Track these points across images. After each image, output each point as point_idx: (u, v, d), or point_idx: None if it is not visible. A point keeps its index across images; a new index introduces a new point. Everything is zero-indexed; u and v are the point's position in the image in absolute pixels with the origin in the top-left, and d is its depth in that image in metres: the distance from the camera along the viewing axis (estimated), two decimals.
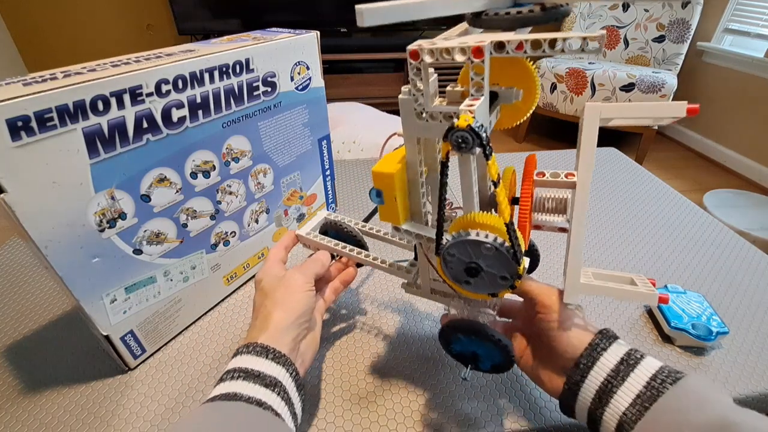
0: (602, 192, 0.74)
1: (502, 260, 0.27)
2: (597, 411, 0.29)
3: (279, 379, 0.30)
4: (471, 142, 0.24)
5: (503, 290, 0.29)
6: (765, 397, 0.39)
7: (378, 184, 0.32)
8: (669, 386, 0.26)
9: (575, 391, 0.30)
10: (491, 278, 0.29)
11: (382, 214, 0.34)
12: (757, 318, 0.47)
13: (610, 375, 0.29)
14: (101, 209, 0.35)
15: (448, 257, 0.30)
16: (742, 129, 2.15)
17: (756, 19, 2.08)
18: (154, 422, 0.37)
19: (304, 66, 0.51)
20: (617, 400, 0.28)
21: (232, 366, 0.30)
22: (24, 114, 0.29)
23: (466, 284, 0.30)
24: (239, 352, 0.31)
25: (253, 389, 0.28)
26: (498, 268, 0.28)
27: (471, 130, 0.24)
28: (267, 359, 0.30)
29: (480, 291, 0.31)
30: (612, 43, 2.33)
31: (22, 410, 0.38)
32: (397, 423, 0.37)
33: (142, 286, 0.40)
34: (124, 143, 0.35)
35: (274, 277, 0.36)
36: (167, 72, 0.36)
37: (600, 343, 0.30)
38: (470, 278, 0.30)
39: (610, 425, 0.28)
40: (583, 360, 0.30)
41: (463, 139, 0.24)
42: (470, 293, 0.32)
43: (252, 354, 0.30)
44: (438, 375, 0.41)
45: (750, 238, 1.33)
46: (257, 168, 0.49)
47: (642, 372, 0.28)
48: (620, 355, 0.29)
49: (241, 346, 0.32)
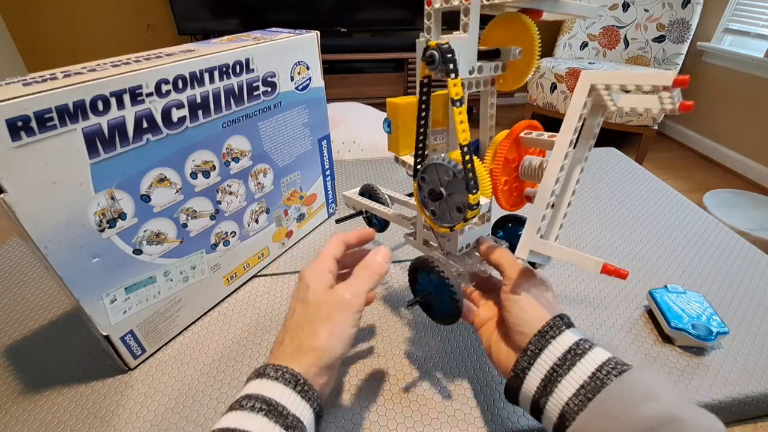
0: (602, 192, 0.74)
1: (458, 187, 0.30)
2: (541, 400, 0.28)
3: (302, 419, 0.27)
4: (437, 60, 0.28)
5: (459, 223, 0.31)
6: (765, 397, 0.39)
7: (389, 113, 0.37)
8: (613, 378, 0.26)
9: (522, 378, 0.29)
10: (450, 207, 0.31)
11: (389, 144, 0.39)
12: (757, 318, 0.47)
13: (556, 363, 0.28)
14: (101, 209, 0.35)
15: (422, 182, 0.33)
16: (742, 129, 2.15)
17: (756, 19, 2.08)
18: (154, 422, 0.37)
19: (304, 66, 0.51)
20: (561, 390, 0.27)
21: (254, 391, 0.27)
22: (24, 114, 0.29)
23: (432, 214, 0.33)
24: (266, 374, 0.28)
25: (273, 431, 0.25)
26: (456, 197, 0.30)
27: (438, 48, 0.28)
28: (294, 391, 0.27)
29: (442, 222, 0.33)
30: (612, 43, 2.33)
31: (22, 410, 0.38)
32: (397, 423, 0.37)
33: (142, 286, 0.40)
34: (124, 143, 0.35)
35: (322, 290, 0.31)
36: (167, 72, 0.36)
37: (550, 330, 0.29)
38: (434, 204, 0.32)
39: (553, 415, 0.27)
40: (531, 346, 0.29)
41: (431, 56, 0.28)
42: (437, 226, 0.33)
43: (280, 381, 0.27)
44: (438, 375, 0.41)
45: (750, 238, 1.33)
46: (257, 168, 0.49)
47: (588, 362, 0.27)
48: (569, 344, 0.29)
49: (270, 365, 0.28)
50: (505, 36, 0.34)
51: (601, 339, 0.45)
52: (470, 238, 0.39)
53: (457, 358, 0.43)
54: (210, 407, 0.38)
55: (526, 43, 0.33)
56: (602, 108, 0.28)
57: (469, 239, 0.39)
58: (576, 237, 0.61)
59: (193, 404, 0.39)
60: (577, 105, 0.27)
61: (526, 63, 0.34)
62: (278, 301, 0.50)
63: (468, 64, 0.32)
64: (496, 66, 0.34)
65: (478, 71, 0.33)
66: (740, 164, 2.17)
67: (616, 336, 0.45)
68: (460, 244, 0.38)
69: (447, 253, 0.39)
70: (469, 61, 0.32)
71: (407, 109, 0.36)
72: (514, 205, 0.37)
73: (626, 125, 2.10)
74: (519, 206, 0.38)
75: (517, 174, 0.35)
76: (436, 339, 0.45)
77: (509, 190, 0.35)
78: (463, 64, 0.31)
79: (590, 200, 0.71)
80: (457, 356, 0.43)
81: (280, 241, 0.57)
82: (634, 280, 0.53)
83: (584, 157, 0.30)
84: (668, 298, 0.46)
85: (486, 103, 0.36)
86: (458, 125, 0.28)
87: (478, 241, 0.39)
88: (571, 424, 0.26)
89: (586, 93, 0.27)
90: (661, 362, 0.42)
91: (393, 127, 0.37)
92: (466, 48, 0.31)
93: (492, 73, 0.34)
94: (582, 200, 0.71)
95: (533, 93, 2.31)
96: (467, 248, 0.39)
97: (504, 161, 0.33)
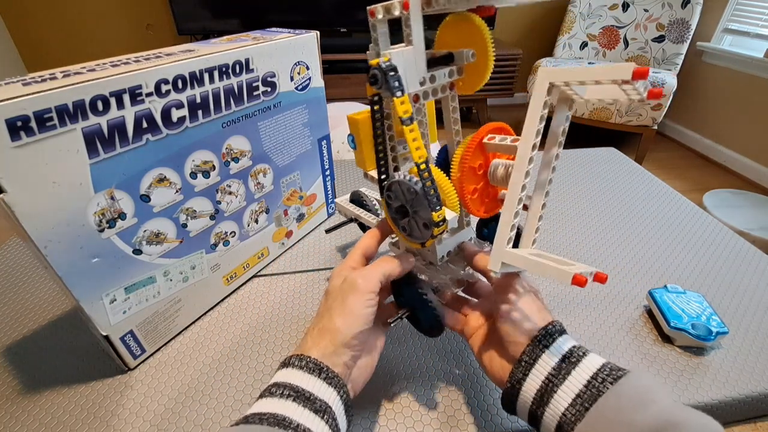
0: (602, 192, 0.74)
1: (422, 204, 0.29)
2: (538, 411, 0.28)
3: (329, 404, 0.28)
4: (379, 79, 0.27)
5: (428, 239, 0.31)
6: (764, 397, 0.39)
7: (351, 129, 0.37)
8: (609, 386, 0.26)
9: (518, 389, 0.29)
10: (418, 223, 0.31)
11: (357, 160, 0.38)
12: (756, 318, 0.47)
13: (551, 373, 0.28)
14: (101, 209, 0.35)
15: (389, 200, 0.32)
16: (742, 129, 2.15)
17: (756, 19, 2.08)
18: (153, 422, 0.37)
19: (303, 66, 0.51)
20: (557, 400, 0.27)
21: (282, 380, 0.29)
22: (23, 114, 0.29)
23: (403, 230, 0.33)
24: (291, 364, 0.29)
25: (303, 414, 0.27)
26: (422, 213, 0.30)
27: (379, 68, 0.27)
28: (320, 378, 0.28)
29: (413, 238, 0.32)
30: (612, 43, 2.33)
31: (22, 410, 0.38)
32: (397, 423, 0.37)
33: (141, 286, 0.40)
34: (124, 143, 0.35)
35: (340, 277, 0.33)
36: (167, 72, 0.36)
37: (543, 339, 0.29)
38: (402, 221, 0.32)
39: (551, 426, 0.27)
40: (525, 356, 0.29)
41: (373, 75, 0.28)
42: (409, 242, 0.33)
43: (304, 371, 0.29)
44: (430, 380, 0.41)
45: (749, 238, 1.33)
46: (257, 168, 0.49)
47: (583, 370, 0.27)
48: (563, 352, 0.28)
49: (294, 356, 0.30)
50: (457, 38, 0.33)
51: (600, 339, 0.45)
52: (450, 245, 0.38)
53: (450, 363, 0.42)
54: (210, 407, 0.38)
55: (479, 44, 0.31)
56: (568, 102, 0.27)
57: (449, 246, 0.38)
58: (576, 237, 0.61)
59: (193, 404, 0.39)
60: (537, 106, 0.26)
61: (482, 64, 0.32)
62: (278, 301, 0.50)
63: (418, 75, 0.31)
64: (450, 71, 0.33)
65: (431, 81, 0.31)
66: (740, 164, 2.17)
67: (616, 336, 0.45)
68: (439, 253, 0.37)
69: (429, 263, 0.38)
70: (419, 72, 0.30)
71: (367, 123, 0.34)
72: (488, 210, 0.35)
73: (626, 125, 2.10)
74: (494, 211, 0.36)
75: (486, 180, 0.34)
76: (428, 343, 0.45)
77: (480, 197, 0.34)
78: (412, 77, 0.30)
79: (590, 200, 0.71)
80: (450, 361, 0.43)
81: (280, 241, 0.57)
82: (634, 280, 0.53)
83: (554, 156, 0.29)
84: (668, 298, 0.46)
85: (448, 109, 0.35)
86: (411, 143, 0.27)
87: (460, 247, 0.38)
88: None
89: (545, 92, 0.26)
90: (660, 362, 0.42)
91: (357, 142, 0.36)
92: (411, 60, 0.30)
93: (447, 79, 0.33)
94: (581, 200, 0.71)
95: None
96: (449, 256, 0.38)
97: (469, 170, 0.32)
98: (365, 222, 0.47)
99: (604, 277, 0.26)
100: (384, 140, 0.32)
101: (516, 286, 0.32)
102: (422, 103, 0.32)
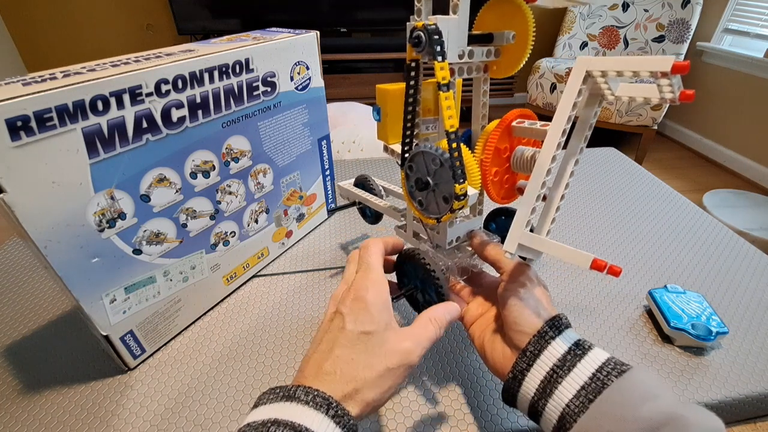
0: (602, 192, 0.74)
1: (445, 177, 0.29)
2: (540, 402, 0.28)
3: None
4: (424, 42, 0.27)
5: (446, 214, 0.31)
6: (764, 397, 0.39)
7: (378, 100, 0.36)
8: (614, 379, 0.26)
9: (520, 380, 0.29)
10: (437, 197, 0.31)
11: (378, 132, 0.38)
12: (756, 318, 0.47)
13: (556, 365, 0.28)
14: (101, 209, 0.35)
15: (409, 171, 0.32)
16: (742, 129, 2.16)
17: (755, 20, 2.08)
18: (153, 422, 0.37)
19: (303, 66, 0.51)
20: (561, 392, 0.27)
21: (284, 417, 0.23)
22: (23, 114, 0.29)
23: (419, 204, 0.33)
24: (295, 397, 0.24)
25: None
26: (443, 186, 0.30)
27: (425, 29, 0.27)
28: (327, 416, 0.24)
29: (428, 213, 0.32)
30: (612, 43, 2.33)
31: (22, 410, 0.38)
32: (397, 423, 0.37)
33: (141, 286, 0.40)
34: (124, 143, 0.35)
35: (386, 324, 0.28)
36: (167, 72, 0.36)
37: (549, 330, 0.29)
38: (421, 194, 0.32)
39: (552, 417, 0.27)
40: (530, 347, 0.29)
41: (418, 37, 0.28)
42: (424, 217, 0.33)
43: (311, 407, 0.24)
44: (437, 375, 0.41)
45: (749, 238, 1.33)
46: (257, 168, 0.49)
47: (588, 363, 0.27)
48: (568, 345, 0.28)
49: (299, 388, 0.24)
50: (499, 20, 0.33)
51: (600, 339, 0.45)
52: (460, 231, 0.38)
53: (450, 362, 0.43)
54: (210, 407, 0.38)
55: (521, 27, 0.31)
56: (599, 98, 0.27)
57: (459, 232, 0.38)
58: (575, 237, 0.61)
59: (193, 404, 0.39)
60: (572, 92, 0.26)
61: (520, 48, 0.32)
62: (278, 301, 0.50)
63: (457, 47, 0.30)
64: (488, 51, 0.32)
65: (469, 56, 0.31)
66: (740, 164, 2.17)
67: (616, 336, 0.45)
68: (449, 236, 0.37)
69: (436, 246, 0.38)
70: (459, 44, 0.30)
71: (396, 95, 0.34)
72: (505, 197, 0.36)
73: (626, 125, 2.10)
74: (511, 199, 0.36)
75: (508, 165, 0.34)
76: None
77: (500, 181, 0.34)
78: (452, 48, 0.29)
79: (590, 200, 0.71)
80: (450, 360, 0.43)
81: (280, 241, 0.57)
82: (634, 280, 0.53)
83: (579, 149, 0.29)
84: (668, 298, 0.46)
85: (478, 91, 0.35)
86: (444, 111, 0.27)
87: (469, 235, 0.38)
88: (572, 426, 0.26)
89: (581, 80, 0.26)
90: (660, 362, 0.42)
91: (382, 114, 0.36)
92: (455, 30, 0.29)
93: (484, 58, 0.32)
94: (581, 200, 0.71)
95: (533, 93, 2.31)
96: (457, 241, 0.38)
97: (494, 151, 0.32)
98: (371, 205, 0.47)
99: (618, 270, 0.25)
100: (414, 109, 0.32)
101: (528, 275, 0.32)
102: (455, 78, 0.32)
